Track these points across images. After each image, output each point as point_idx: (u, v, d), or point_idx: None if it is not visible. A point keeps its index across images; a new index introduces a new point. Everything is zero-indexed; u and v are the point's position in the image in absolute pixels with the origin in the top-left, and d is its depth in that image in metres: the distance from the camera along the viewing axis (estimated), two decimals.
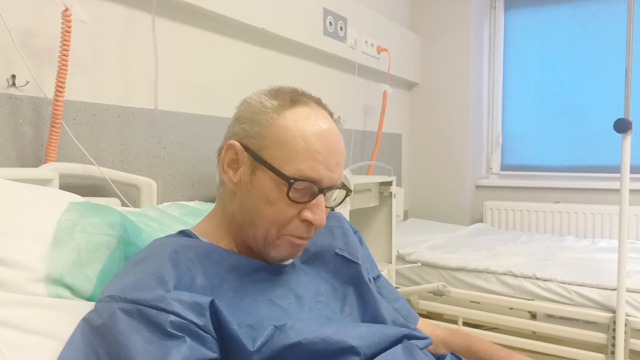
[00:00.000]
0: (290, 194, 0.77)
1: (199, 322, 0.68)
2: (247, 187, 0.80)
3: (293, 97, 0.82)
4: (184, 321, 0.67)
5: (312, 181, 0.77)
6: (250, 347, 0.71)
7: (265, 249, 0.82)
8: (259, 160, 0.79)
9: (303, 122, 0.79)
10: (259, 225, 0.80)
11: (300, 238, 0.81)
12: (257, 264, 0.83)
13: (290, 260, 0.89)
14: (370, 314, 0.89)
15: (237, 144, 0.81)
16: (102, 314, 0.68)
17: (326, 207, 0.82)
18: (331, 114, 0.85)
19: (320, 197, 0.79)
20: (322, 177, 0.78)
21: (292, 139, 0.78)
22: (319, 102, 0.85)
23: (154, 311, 0.67)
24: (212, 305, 0.71)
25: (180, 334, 0.67)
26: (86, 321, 0.70)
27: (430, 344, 0.95)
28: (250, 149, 0.80)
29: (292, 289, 0.83)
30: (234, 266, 0.80)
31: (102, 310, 0.69)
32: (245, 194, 0.81)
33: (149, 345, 0.65)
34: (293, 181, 0.77)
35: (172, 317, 0.67)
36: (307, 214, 0.79)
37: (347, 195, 0.87)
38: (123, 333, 0.65)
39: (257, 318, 0.75)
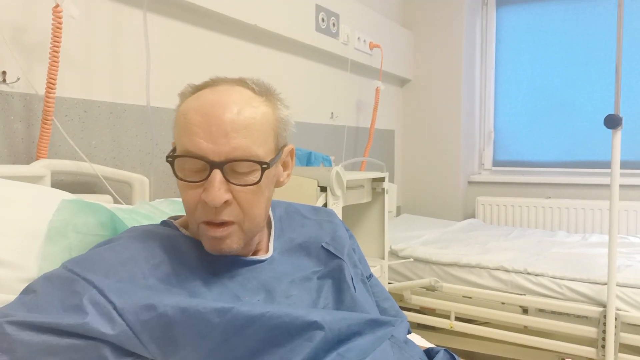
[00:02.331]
0: (177, 173, 0.76)
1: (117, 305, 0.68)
2: None
3: (200, 86, 0.81)
4: (103, 302, 0.68)
5: (193, 156, 0.73)
6: (215, 318, 0.69)
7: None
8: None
9: (191, 102, 0.77)
10: (187, 217, 0.81)
11: (208, 225, 0.76)
12: (231, 259, 0.81)
13: (267, 255, 0.87)
14: (345, 310, 0.87)
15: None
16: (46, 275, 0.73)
17: (234, 184, 0.75)
18: (255, 90, 0.79)
19: (214, 173, 0.73)
20: (203, 150, 0.73)
21: (177, 119, 0.78)
22: (238, 82, 0.80)
23: (82, 282, 0.69)
24: (154, 309, 0.68)
25: (88, 310, 0.66)
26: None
27: (408, 326, 0.96)
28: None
29: (264, 284, 0.81)
30: (208, 261, 0.80)
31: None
32: None
33: (58, 293, 0.68)
34: (171, 159, 0.76)
35: (95, 294, 0.68)
36: (203, 194, 0.74)
37: (263, 170, 0.76)
38: (49, 279, 0.71)
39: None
